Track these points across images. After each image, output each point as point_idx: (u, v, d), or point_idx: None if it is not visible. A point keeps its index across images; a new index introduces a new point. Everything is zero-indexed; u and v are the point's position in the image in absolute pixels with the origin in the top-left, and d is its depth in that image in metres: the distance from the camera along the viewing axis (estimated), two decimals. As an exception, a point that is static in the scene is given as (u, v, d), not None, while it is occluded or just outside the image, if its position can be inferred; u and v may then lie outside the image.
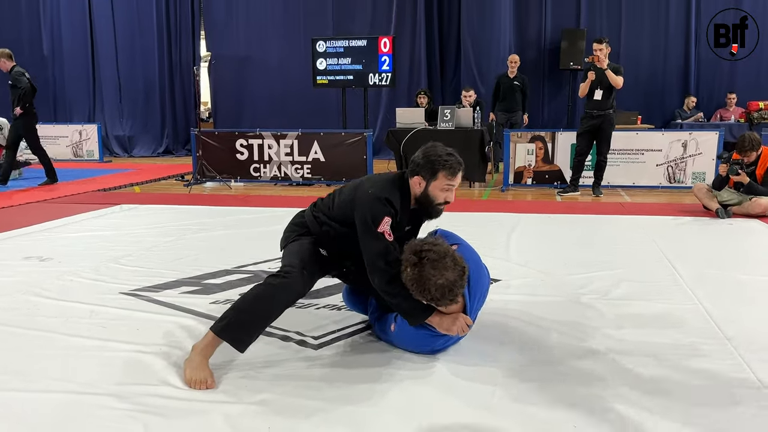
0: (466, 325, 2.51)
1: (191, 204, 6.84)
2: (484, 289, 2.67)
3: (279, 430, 2.02)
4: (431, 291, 2.35)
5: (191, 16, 13.11)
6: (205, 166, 8.48)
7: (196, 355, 2.42)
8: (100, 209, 6.35)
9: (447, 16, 11.78)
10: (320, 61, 9.38)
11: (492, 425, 2.04)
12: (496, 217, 5.96)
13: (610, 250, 4.56)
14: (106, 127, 13.12)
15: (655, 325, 3.00)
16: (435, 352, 2.59)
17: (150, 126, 13.47)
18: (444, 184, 2.64)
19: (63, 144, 11.88)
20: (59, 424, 2.06)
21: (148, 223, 5.67)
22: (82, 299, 3.39)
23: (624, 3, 11.19)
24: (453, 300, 2.42)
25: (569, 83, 11.35)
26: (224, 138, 8.71)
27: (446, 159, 2.61)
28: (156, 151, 13.42)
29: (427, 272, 2.34)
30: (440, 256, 2.36)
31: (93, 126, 11.95)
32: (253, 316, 2.46)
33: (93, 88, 13.57)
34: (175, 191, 8.06)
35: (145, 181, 8.95)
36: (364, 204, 2.56)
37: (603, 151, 7.31)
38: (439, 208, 2.70)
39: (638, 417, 2.08)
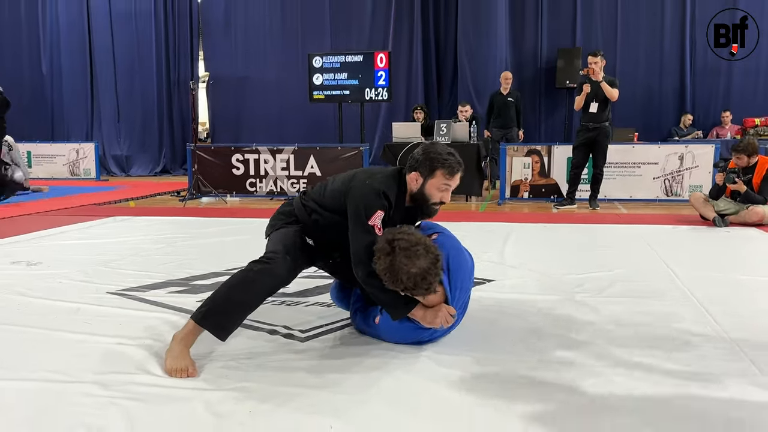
0: (449, 315, 2.44)
1: (185, 216, 6.79)
2: (465, 276, 2.56)
3: (260, 414, 1.95)
4: (403, 280, 2.30)
5: (190, 38, 13.21)
6: (201, 181, 8.46)
7: (177, 344, 2.35)
8: (92, 220, 6.30)
9: (444, 34, 11.88)
10: (317, 77, 9.41)
11: (478, 411, 1.98)
12: (491, 225, 5.92)
13: (606, 254, 4.52)
14: (103, 146, 13.16)
15: (648, 317, 2.95)
16: (422, 344, 2.53)
17: (147, 146, 13.49)
18: (441, 183, 2.58)
19: (60, 162, 11.87)
20: (40, 411, 1.99)
21: (139, 232, 5.62)
22: (68, 298, 3.34)
23: (619, 22, 11.28)
24: (428, 289, 2.35)
25: (566, 102, 11.39)
26: (220, 153, 8.70)
27: (446, 158, 2.56)
28: (153, 170, 13.43)
29: (399, 261, 2.28)
30: (411, 244, 2.31)
31: (90, 144, 11.96)
32: (233, 303, 2.40)
33: (91, 108, 13.62)
34: (170, 205, 8.03)
35: (140, 197, 8.92)
36: (358, 194, 2.50)
37: (599, 163, 7.29)
38: (433, 208, 2.64)
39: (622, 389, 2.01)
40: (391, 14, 11.76)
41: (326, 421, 1.90)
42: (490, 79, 10.91)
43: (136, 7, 13.14)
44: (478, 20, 11.23)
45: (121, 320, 2.94)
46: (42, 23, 13.52)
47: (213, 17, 13.00)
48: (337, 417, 1.93)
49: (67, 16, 13.38)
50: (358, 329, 2.74)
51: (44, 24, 13.52)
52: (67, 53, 13.48)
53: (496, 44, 11.25)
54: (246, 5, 12.74)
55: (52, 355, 2.49)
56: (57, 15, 13.42)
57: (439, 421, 1.91)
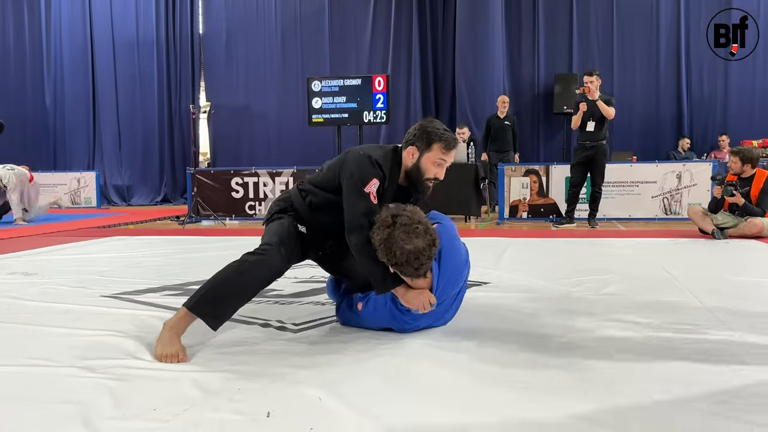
0: (429, 303, 2.41)
1: (184, 235, 6.79)
2: (456, 270, 2.52)
3: (249, 391, 1.92)
4: (396, 254, 2.29)
5: (191, 68, 13.38)
6: (201, 205, 8.48)
7: (167, 331, 2.33)
8: (90, 239, 6.30)
9: (442, 58, 12.03)
10: (315, 100, 9.51)
11: (466, 383, 1.95)
12: (489, 240, 5.91)
13: (604, 261, 4.49)
14: (104, 176, 13.22)
15: (645, 309, 2.92)
16: (404, 332, 2.51)
17: (148, 175, 13.56)
18: (437, 158, 2.58)
19: (61, 191, 11.89)
20: (25, 390, 1.97)
21: (137, 250, 5.60)
22: (61, 301, 3.32)
23: (615, 48, 11.41)
24: (418, 270, 2.34)
25: (563, 127, 11.46)
26: (220, 176, 8.74)
27: (443, 132, 2.59)
28: (154, 200, 13.47)
29: (397, 235, 2.28)
30: (413, 221, 2.31)
31: (91, 173, 12.02)
32: (225, 291, 2.38)
33: (93, 138, 13.73)
34: (169, 228, 8.03)
35: (140, 221, 8.92)
36: (353, 163, 2.51)
37: (597, 182, 7.29)
38: (427, 184, 2.65)
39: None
40: (389, 40, 11.93)
41: (315, 393, 1.88)
42: (488, 104, 10.99)
43: (139, 38, 13.34)
44: (476, 46, 11.36)
45: (113, 317, 2.92)
46: (46, 55, 13.71)
47: (214, 48, 13.19)
48: (326, 389, 1.90)
49: (70, 47, 13.58)
50: (343, 322, 2.71)
51: (48, 56, 13.71)
52: (70, 85, 13.64)
53: (494, 70, 11.37)
54: (246, 35, 12.93)
55: (39, 345, 2.47)
56: (61, 47, 13.62)
57: (426, 393, 1.88)
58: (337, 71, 11.90)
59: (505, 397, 1.83)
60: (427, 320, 2.53)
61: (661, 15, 11.23)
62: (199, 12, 13.30)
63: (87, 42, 13.53)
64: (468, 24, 11.40)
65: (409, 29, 11.93)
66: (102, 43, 13.51)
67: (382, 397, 1.86)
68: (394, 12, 11.95)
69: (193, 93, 13.41)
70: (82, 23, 13.53)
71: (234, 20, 13.03)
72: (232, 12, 13.04)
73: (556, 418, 1.68)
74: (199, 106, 13.29)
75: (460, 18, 11.49)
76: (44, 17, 13.70)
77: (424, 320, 2.51)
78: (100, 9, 13.45)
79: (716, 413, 1.70)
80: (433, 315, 2.51)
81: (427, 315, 2.48)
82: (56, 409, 1.79)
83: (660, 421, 1.66)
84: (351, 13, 12.36)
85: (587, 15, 11.47)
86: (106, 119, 13.59)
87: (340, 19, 12.43)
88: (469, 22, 11.39)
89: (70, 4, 13.56)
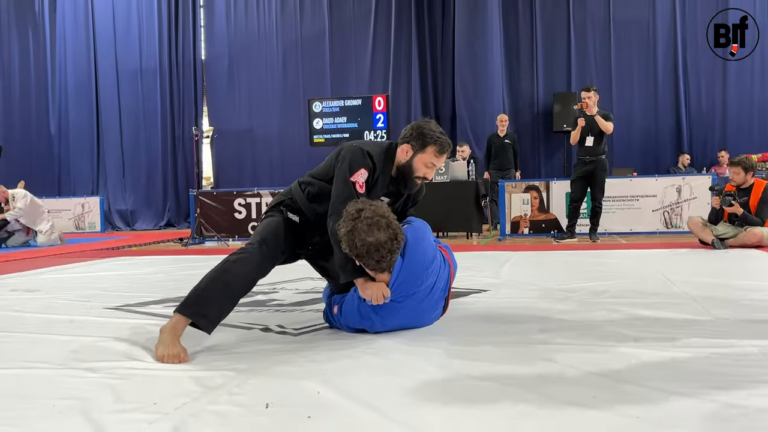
0: (381, 295, 2.45)
1: (187, 254, 6.83)
2: (419, 267, 2.50)
3: (248, 386, 1.94)
4: (357, 246, 2.35)
5: (194, 94, 13.53)
6: (204, 226, 8.53)
7: (167, 334, 2.35)
8: (93, 260, 6.34)
9: (441, 78, 12.15)
10: (317, 121, 9.61)
11: (465, 382, 1.97)
12: (491, 254, 5.93)
13: (603, 270, 4.50)
14: (108, 201, 13.31)
15: (642, 307, 2.94)
16: (377, 332, 2.54)
17: (152, 200, 13.63)
18: (429, 161, 2.67)
19: (65, 217, 11.98)
20: (28, 389, 1.99)
21: (141, 269, 5.64)
22: (64, 313, 3.34)
23: (613, 65, 11.51)
24: (379, 262, 2.38)
25: (563, 144, 11.52)
26: (222, 198, 8.80)
27: (438, 136, 2.67)
28: (158, 224, 13.52)
29: (360, 227, 2.34)
30: (376, 215, 2.37)
31: (95, 198, 12.11)
32: (209, 291, 2.42)
33: (97, 164, 13.84)
34: (172, 249, 8.06)
35: (144, 244, 8.97)
36: (347, 153, 2.62)
37: (597, 196, 7.32)
38: (416, 181, 2.72)
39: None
40: (389, 60, 12.07)
41: (314, 386, 1.89)
42: (488, 123, 11.09)
43: (142, 66, 13.51)
44: (475, 66, 11.49)
45: (115, 326, 2.94)
46: (51, 84, 13.89)
47: (217, 73, 13.35)
48: (324, 384, 1.92)
49: (75, 76, 13.75)
50: (330, 325, 2.76)
51: (53, 85, 13.89)
52: (74, 112, 13.79)
53: (493, 89, 11.48)
54: (248, 60, 13.10)
55: (41, 350, 2.49)
56: (66, 76, 13.79)
57: (426, 388, 1.89)
58: (338, 92, 12.02)
59: (495, 392, 1.85)
60: (398, 321, 2.55)
61: (657, 31, 11.34)
62: (201, 38, 13.49)
63: (91, 70, 13.70)
64: (467, 44, 11.56)
65: (409, 49, 12.07)
66: (106, 71, 13.68)
67: (380, 390, 1.87)
68: (393, 33, 12.11)
69: (196, 118, 13.54)
70: (86, 52, 13.71)
71: (235, 45, 13.21)
72: (234, 37, 13.22)
73: (548, 411, 1.69)
74: (201, 130, 13.45)
75: (458, 38, 11.64)
76: (49, 47, 13.90)
77: (394, 320, 2.54)
78: (104, 38, 13.65)
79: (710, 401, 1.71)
80: (406, 315, 2.54)
81: (398, 316, 2.52)
82: (57, 405, 1.80)
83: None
84: (351, 35, 12.53)
85: (584, 33, 11.59)
86: (110, 145, 13.71)
87: (341, 41, 12.59)
88: (468, 42, 11.54)
89: (74, 34, 13.76)
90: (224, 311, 2.46)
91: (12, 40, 14.03)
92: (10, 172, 13.62)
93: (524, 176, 10.35)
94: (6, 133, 13.93)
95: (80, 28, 13.74)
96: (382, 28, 12.31)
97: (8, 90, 14.02)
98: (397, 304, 2.49)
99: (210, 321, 2.40)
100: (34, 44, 13.99)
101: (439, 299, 2.64)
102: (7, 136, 13.94)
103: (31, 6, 13.94)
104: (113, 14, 13.64)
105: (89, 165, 13.82)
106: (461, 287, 3.78)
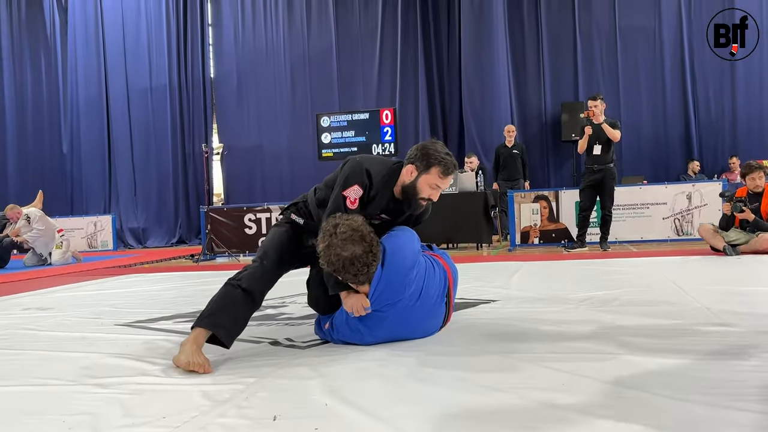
0: (361, 306, 2.48)
1: (198, 271, 6.87)
2: (399, 274, 2.50)
3: (256, 399, 1.95)
4: (333, 261, 2.40)
5: (204, 111, 13.64)
6: (215, 242, 8.57)
7: (189, 345, 2.37)
8: (106, 278, 6.39)
9: (448, 91, 12.17)
10: (325, 135, 9.66)
11: (472, 392, 1.97)
12: (501, 264, 5.92)
13: (613, 278, 4.48)
14: (120, 219, 13.40)
15: (653, 316, 2.93)
16: (367, 344, 2.57)
17: (163, 218, 13.71)
18: (434, 182, 2.68)
19: (78, 236, 12.07)
20: (40, 406, 2.01)
21: (152, 285, 5.68)
22: (76, 330, 3.37)
23: (621, 74, 11.49)
24: (356, 276, 2.42)
25: (572, 154, 11.49)
26: (233, 214, 8.85)
27: (443, 157, 2.67)
28: (169, 242, 13.59)
29: (335, 243, 2.39)
30: (351, 229, 2.40)
31: (107, 217, 12.21)
32: (220, 304, 2.50)
33: (108, 183, 13.95)
34: (184, 265, 8.11)
35: (155, 261, 9.02)
36: (348, 166, 2.68)
37: (607, 205, 7.30)
38: (420, 202, 2.72)
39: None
40: (396, 73, 12.12)
41: (321, 399, 1.90)
42: (496, 134, 11.10)
43: (152, 84, 13.64)
44: (481, 76, 11.52)
45: (126, 342, 2.97)
46: (63, 104, 14.05)
47: (226, 90, 13.46)
48: (332, 396, 1.93)
49: (86, 95, 13.90)
50: (318, 335, 2.81)
51: (65, 105, 14.05)
52: (86, 131, 13.93)
53: (500, 100, 11.50)
54: (257, 77, 13.20)
55: (52, 367, 2.52)
56: (77, 95, 13.95)
57: (434, 400, 1.90)
58: (346, 107, 12.09)
59: (504, 403, 1.85)
60: (387, 331, 2.56)
61: (663, 38, 11.31)
62: (210, 56, 13.61)
63: (102, 90, 13.85)
64: (473, 55, 11.60)
65: (415, 62, 12.12)
66: (116, 90, 13.82)
67: (388, 402, 1.87)
68: (400, 46, 12.17)
69: (206, 135, 13.63)
70: (97, 72, 13.87)
71: (244, 63, 13.32)
72: (242, 55, 13.34)
73: (544, 416, 1.69)
74: (211, 147, 13.54)
75: (464, 49, 11.69)
76: (61, 67, 14.08)
77: (382, 331, 2.55)
78: (114, 57, 13.81)
79: (717, 404, 1.70)
80: (396, 325, 2.55)
81: (385, 326, 2.53)
82: (67, 420, 1.82)
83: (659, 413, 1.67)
84: (358, 49, 12.61)
85: (591, 42, 11.59)
86: (121, 164, 13.83)
87: (348, 56, 12.66)
88: (474, 52, 11.59)
89: (85, 54, 13.93)
90: (238, 323, 2.52)
91: (24, 60, 14.23)
92: (24, 191, 13.79)
93: (533, 186, 10.35)
94: (19, 152, 14.13)
95: (91, 47, 13.91)
96: (389, 41, 12.38)
97: (21, 109, 14.21)
98: (380, 313, 2.51)
99: (228, 333, 2.45)
100: (45, 64, 14.18)
101: (435, 307, 2.64)
102: (20, 155, 14.14)
103: (42, 26, 14.15)
104: (123, 33, 13.80)
105: (101, 183, 13.94)
106: (470, 297, 3.79)
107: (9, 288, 5.81)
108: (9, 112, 14.20)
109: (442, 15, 12.23)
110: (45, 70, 14.18)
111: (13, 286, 5.96)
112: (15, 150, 14.20)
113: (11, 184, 14.12)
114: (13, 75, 14.25)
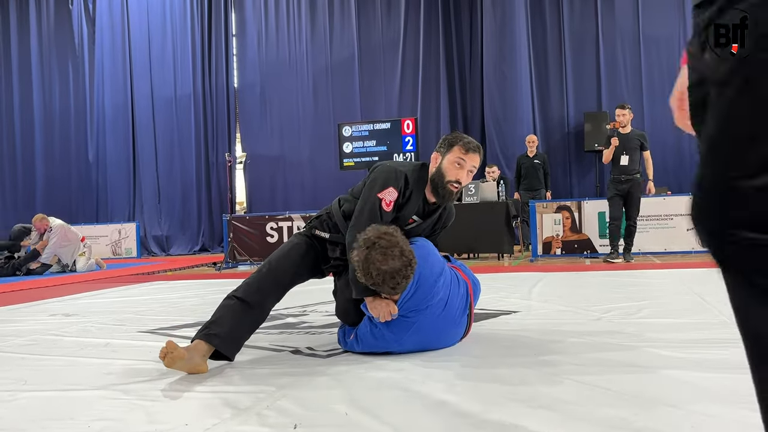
0: (389, 312, 2.48)
1: (220, 278, 6.92)
2: (427, 283, 2.52)
3: (277, 407, 1.95)
4: (373, 275, 2.39)
5: (227, 120, 13.78)
6: (237, 250, 8.63)
7: (191, 351, 2.43)
8: (130, 285, 6.46)
9: (470, 101, 12.16)
10: (346, 145, 9.70)
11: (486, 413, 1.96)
12: (522, 275, 5.88)
13: (637, 290, 4.44)
14: (145, 227, 13.55)
15: (677, 329, 2.89)
16: (392, 352, 2.59)
17: (187, 226, 13.85)
18: (457, 157, 2.68)
19: (102, 243, 12.24)
20: (63, 411, 2.04)
21: (175, 293, 5.73)
22: (100, 336, 3.41)
23: (644, 84, 11.39)
24: (394, 288, 2.42)
25: (595, 164, 11.42)
26: (255, 222, 8.90)
27: (463, 137, 2.74)
28: (192, 249, 13.71)
29: (374, 257, 2.37)
30: (391, 244, 2.39)
31: (132, 225, 12.36)
32: (222, 314, 2.54)
33: (133, 191, 14.14)
34: (206, 273, 8.17)
35: (178, 268, 9.11)
36: (380, 170, 2.69)
37: (632, 215, 7.21)
38: (449, 188, 2.69)
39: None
40: (418, 83, 12.16)
41: (342, 408, 1.91)
42: (518, 144, 11.06)
43: (177, 93, 13.82)
44: (504, 87, 11.51)
45: (149, 349, 2.99)
46: (89, 114, 14.29)
47: (249, 100, 13.59)
48: (352, 405, 1.93)
49: (112, 105, 14.13)
50: (340, 343, 2.81)
51: (91, 114, 14.28)
52: (111, 140, 14.15)
53: (522, 110, 11.47)
54: (280, 87, 13.31)
55: (76, 373, 2.55)
56: (104, 103, 14.18)
57: (455, 411, 1.89)
58: (368, 116, 12.13)
59: (525, 415, 1.84)
60: (415, 338, 2.55)
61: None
62: (234, 66, 13.76)
63: (128, 99, 14.07)
64: (495, 65, 11.58)
65: (437, 72, 12.15)
66: (142, 100, 14.03)
67: (408, 412, 1.87)
68: (422, 56, 12.21)
69: (229, 144, 13.77)
70: (123, 82, 14.10)
71: (267, 73, 13.44)
72: (266, 65, 13.46)
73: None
74: (235, 156, 13.67)
75: (486, 59, 11.68)
76: (88, 77, 14.33)
77: (409, 338, 2.54)
78: (141, 67, 14.02)
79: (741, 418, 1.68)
80: (423, 332, 2.54)
81: (413, 332, 2.52)
82: (92, 426, 1.84)
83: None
84: (380, 59, 12.66)
85: (614, 51, 11.51)
86: (146, 172, 14.01)
87: (370, 66, 12.73)
88: (497, 63, 11.57)
89: (112, 64, 14.17)
90: (234, 329, 2.52)
91: (53, 71, 14.50)
92: (52, 200, 14.05)
93: (556, 196, 10.28)
94: (47, 162, 14.37)
95: (117, 58, 14.14)
96: (411, 51, 12.42)
97: (49, 119, 14.47)
98: (407, 319, 2.51)
99: (223, 341, 2.47)
100: (73, 74, 14.44)
101: (459, 317, 2.65)
102: (47, 165, 14.38)
103: (71, 37, 14.41)
104: (149, 43, 14.02)
105: (126, 191, 14.13)
106: (491, 308, 3.77)
107: (36, 294, 5.91)
108: (38, 122, 14.48)
109: (464, 25, 12.24)
110: (72, 80, 14.44)
111: (39, 292, 6.05)
112: (42, 158, 14.44)
113: (39, 193, 14.36)
114: (42, 85, 14.52)
